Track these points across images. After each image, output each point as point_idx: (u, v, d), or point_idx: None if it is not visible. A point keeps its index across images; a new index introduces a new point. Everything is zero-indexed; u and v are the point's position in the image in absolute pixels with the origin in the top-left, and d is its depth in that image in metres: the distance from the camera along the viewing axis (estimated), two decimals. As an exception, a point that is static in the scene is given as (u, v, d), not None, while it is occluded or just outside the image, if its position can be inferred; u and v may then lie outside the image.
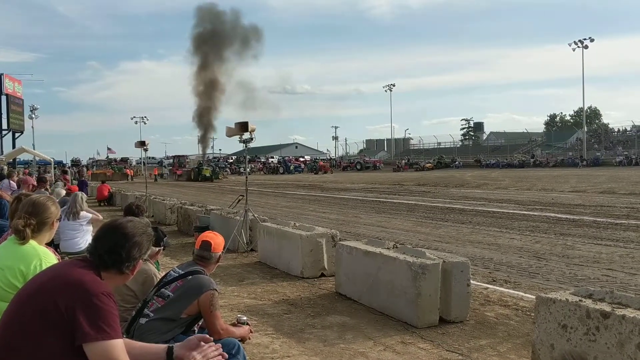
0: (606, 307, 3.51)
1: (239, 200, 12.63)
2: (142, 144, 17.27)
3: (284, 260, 8.23)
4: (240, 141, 10.00)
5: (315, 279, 7.58)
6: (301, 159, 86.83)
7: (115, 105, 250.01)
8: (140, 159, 69.75)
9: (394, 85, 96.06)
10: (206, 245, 3.92)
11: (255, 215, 10.30)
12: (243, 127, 9.67)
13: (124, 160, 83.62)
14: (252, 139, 9.89)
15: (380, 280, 5.91)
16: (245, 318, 4.18)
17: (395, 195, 25.44)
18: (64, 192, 10.99)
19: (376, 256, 6.05)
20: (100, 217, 8.09)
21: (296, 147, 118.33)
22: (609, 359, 3.38)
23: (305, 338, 5.12)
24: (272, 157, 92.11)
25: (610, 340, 3.38)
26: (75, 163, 78.10)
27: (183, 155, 72.08)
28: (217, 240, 3.97)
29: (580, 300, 3.70)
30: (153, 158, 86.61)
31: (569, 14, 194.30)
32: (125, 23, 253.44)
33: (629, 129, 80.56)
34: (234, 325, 4.03)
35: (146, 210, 8.63)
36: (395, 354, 4.64)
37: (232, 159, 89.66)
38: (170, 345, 2.50)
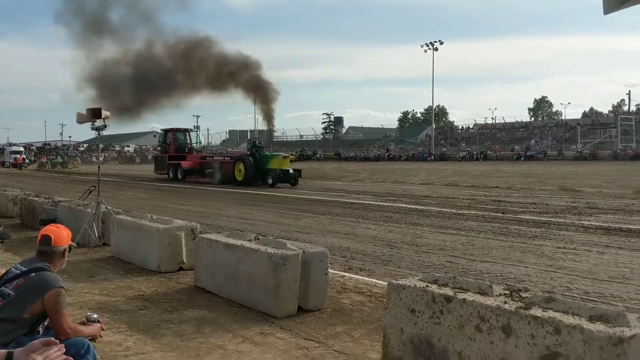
0: (449, 292, 3.79)
1: (90, 191, 11.94)
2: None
3: (139, 254, 7.90)
4: (92, 128, 9.42)
5: (173, 273, 7.38)
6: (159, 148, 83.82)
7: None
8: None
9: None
10: (46, 239, 3.63)
11: (109, 207, 9.78)
12: (95, 113, 9.15)
13: (-44, 146, 75.04)
14: (105, 126, 9.37)
15: (240, 272, 5.89)
16: (95, 316, 3.94)
17: (257, 186, 25.48)
18: None
19: (237, 248, 6.01)
20: None
21: (154, 135, 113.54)
22: (451, 340, 3.65)
23: (162, 334, 4.97)
24: (128, 146, 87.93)
25: (452, 322, 3.66)
26: None
27: (186, 129, 37.89)
28: (59, 233, 3.69)
29: (427, 286, 3.96)
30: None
31: (422, 16, 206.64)
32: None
33: (471, 126, 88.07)
34: (83, 323, 3.79)
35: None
36: (254, 345, 4.66)
37: (83, 147, 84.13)
38: (10, 350, 2.28)
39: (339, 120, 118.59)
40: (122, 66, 39.98)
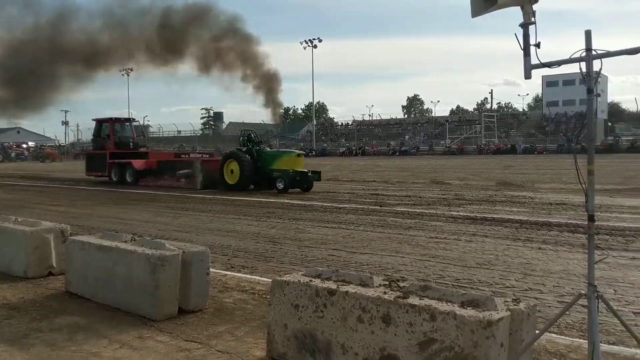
0: (332, 285, 3.86)
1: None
2: None
3: (2, 260, 7.27)
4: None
5: (42, 279, 6.87)
6: (24, 145, 78.23)
7: None
8: None
9: (131, 70, 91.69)
10: None
11: (-35, 209, 8.91)
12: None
13: None
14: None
15: (116, 275, 5.61)
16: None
17: (133, 185, 24.42)
18: None
19: (112, 250, 5.71)
20: None
21: (18, 132, 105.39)
22: (334, 332, 3.72)
23: (30, 344, 4.60)
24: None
25: (335, 315, 3.73)
26: None
27: (127, 119, 30.33)
28: None
29: (310, 281, 4.01)
30: None
31: (301, 14, 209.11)
32: None
33: (350, 123, 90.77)
34: None
35: None
36: (131, 350, 4.45)
37: None
38: None
39: (218, 116, 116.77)
40: None
